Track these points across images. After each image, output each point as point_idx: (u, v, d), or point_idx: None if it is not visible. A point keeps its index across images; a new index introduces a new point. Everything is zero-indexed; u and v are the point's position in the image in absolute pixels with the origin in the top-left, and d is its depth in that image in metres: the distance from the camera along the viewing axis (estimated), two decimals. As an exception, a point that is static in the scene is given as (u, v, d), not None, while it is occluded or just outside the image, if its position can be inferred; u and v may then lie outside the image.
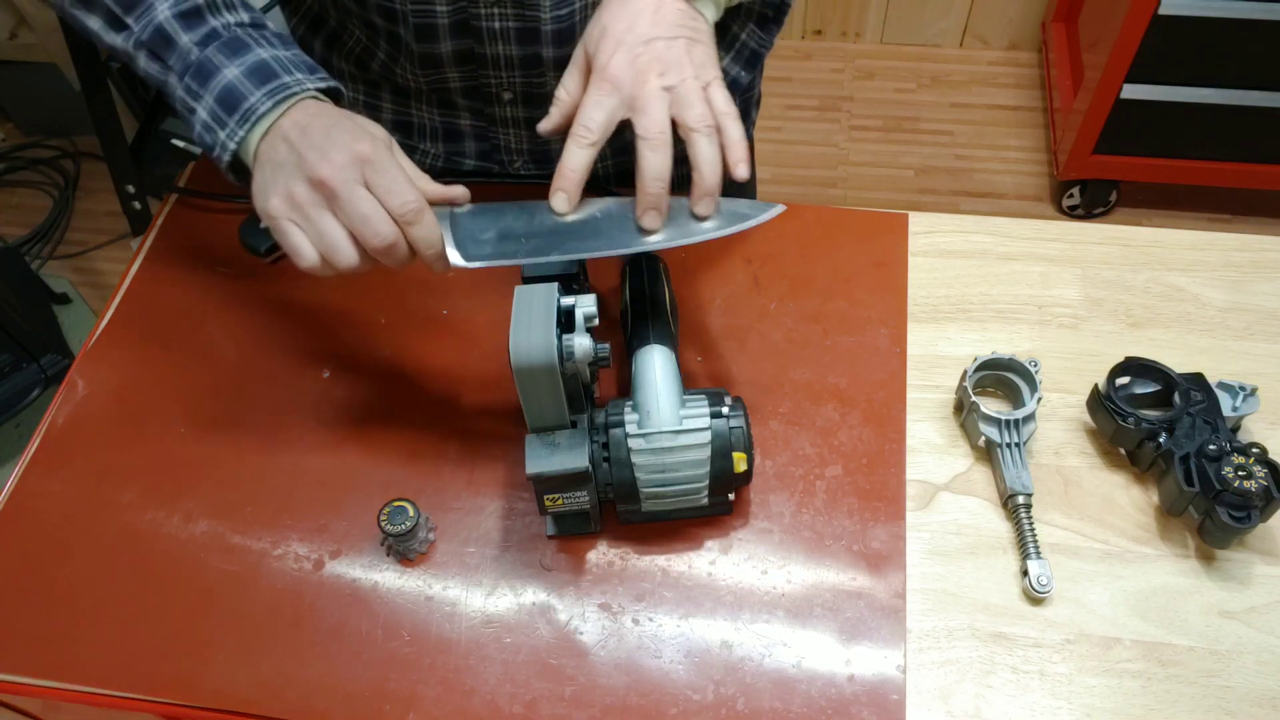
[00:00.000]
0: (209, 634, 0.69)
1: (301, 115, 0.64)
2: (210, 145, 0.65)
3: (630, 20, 0.65)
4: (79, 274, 2.18)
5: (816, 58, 2.51)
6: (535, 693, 0.66)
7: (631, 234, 0.66)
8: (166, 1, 0.66)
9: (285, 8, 0.94)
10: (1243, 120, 1.90)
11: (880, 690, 0.65)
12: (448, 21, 0.79)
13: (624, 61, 0.64)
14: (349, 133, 0.62)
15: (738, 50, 0.86)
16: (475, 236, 0.66)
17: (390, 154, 0.63)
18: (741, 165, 0.65)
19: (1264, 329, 0.82)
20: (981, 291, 0.85)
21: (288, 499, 0.75)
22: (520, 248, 0.66)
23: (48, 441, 0.79)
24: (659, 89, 0.64)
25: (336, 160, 0.61)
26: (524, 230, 0.66)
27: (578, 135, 0.64)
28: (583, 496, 0.66)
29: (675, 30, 0.65)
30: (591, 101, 0.64)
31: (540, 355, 0.61)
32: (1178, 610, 0.68)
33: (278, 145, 0.63)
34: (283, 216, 0.62)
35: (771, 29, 0.85)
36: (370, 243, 0.61)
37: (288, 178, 0.62)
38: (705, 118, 0.64)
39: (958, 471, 0.75)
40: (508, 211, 0.67)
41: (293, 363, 0.82)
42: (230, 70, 0.64)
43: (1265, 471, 0.67)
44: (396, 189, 0.61)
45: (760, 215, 0.67)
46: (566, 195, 0.66)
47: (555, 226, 0.67)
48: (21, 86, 2.29)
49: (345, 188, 0.60)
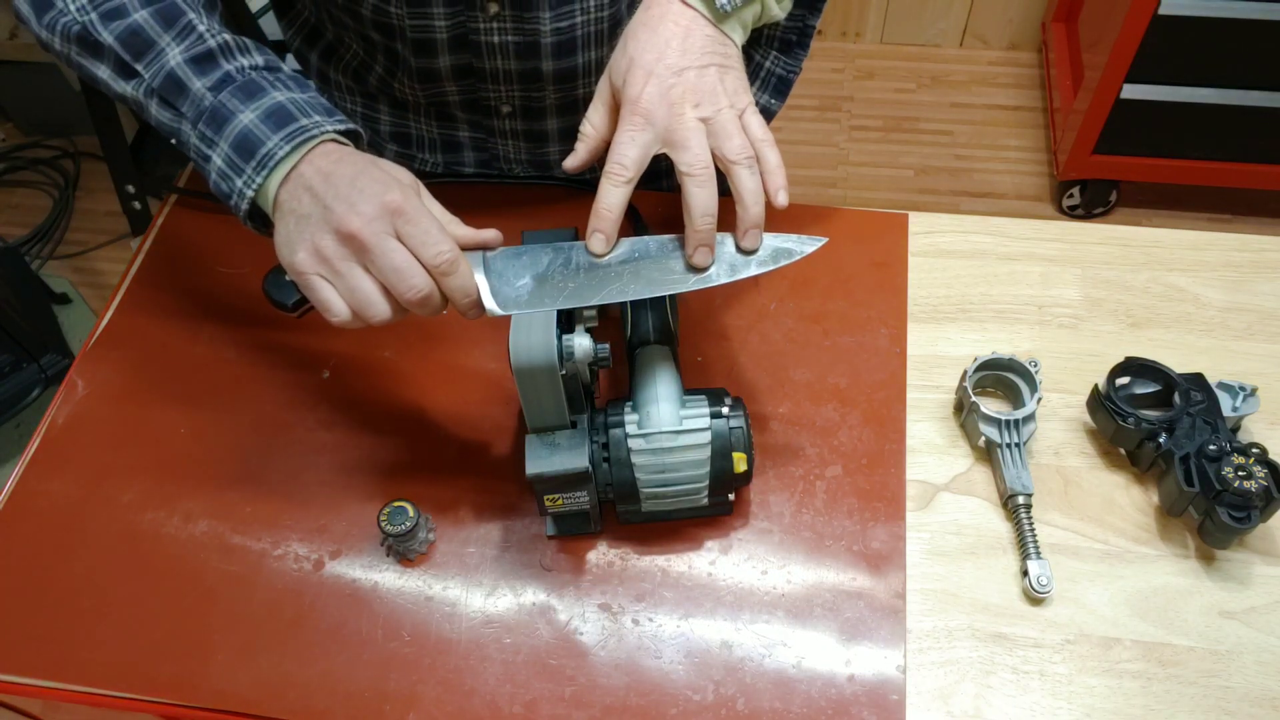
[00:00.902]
0: (209, 634, 0.69)
1: (324, 161, 0.61)
2: (227, 194, 0.62)
3: (659, 50, 0.63)
4: (79, 274, 2.18)
5: (816, 58, 2.51)
6: (535, 693, 0.66)
7: (674, 273, 0.64)
8: (178, 47, 0.63)
9: (282, 20, 0.93)
10: (1243, 120, 1.91)
11: (880, 690, 0.65)
12: (446, 36, 0.78)
13: (656, 94, 0.62)
14: (377, 181, 0.59)
15: (764, 78, 0.84)
16: (511, 282, 0.63)
17: (420, 201, 0.61)
18: (781, 193, 0.63)
19: (1264, 329, 0.82)
20: (981, 291, 0.85)
21: (288, 499, 0.74)
22: (559, 292, 0.63)
23: (48, 441, 0.79)
24: (695, 121, 0.62)
25: (366, 212, 0.58)
26: (561, 274, 0.64)
27: (612, 174, 0.63)
28: (583, 496, 0.66)
29: (705, 58, 0.64)
30: (625, 137, 0.62)
31: (540, 355, 0.61)
32: (1178, 610, 0.68)
33: (301, 195, 0.60)
34: (311, 272, 0.59)
35: (797, 53, 0.83)
36: (404, 296, 0.59)
37: (314, 231, 0.59)
38: (745, 148, 0.62)
39: (958, 471, 0.75)
40: (543, 254, 0.64)
41: (293, 363, 0.82)
42: (246, 115, 0.61)
43: (1265, 471, 0.67)
44: (430, 240, 0.59)
45: (806, 248, 0.65)
46: (604, 236, 0.63)
47: (592, 268, 0.64)
48: (21, 86, 2.29)
49: (376, 240, 0.58)
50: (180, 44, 0.63)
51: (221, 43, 0.64)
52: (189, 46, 0.63)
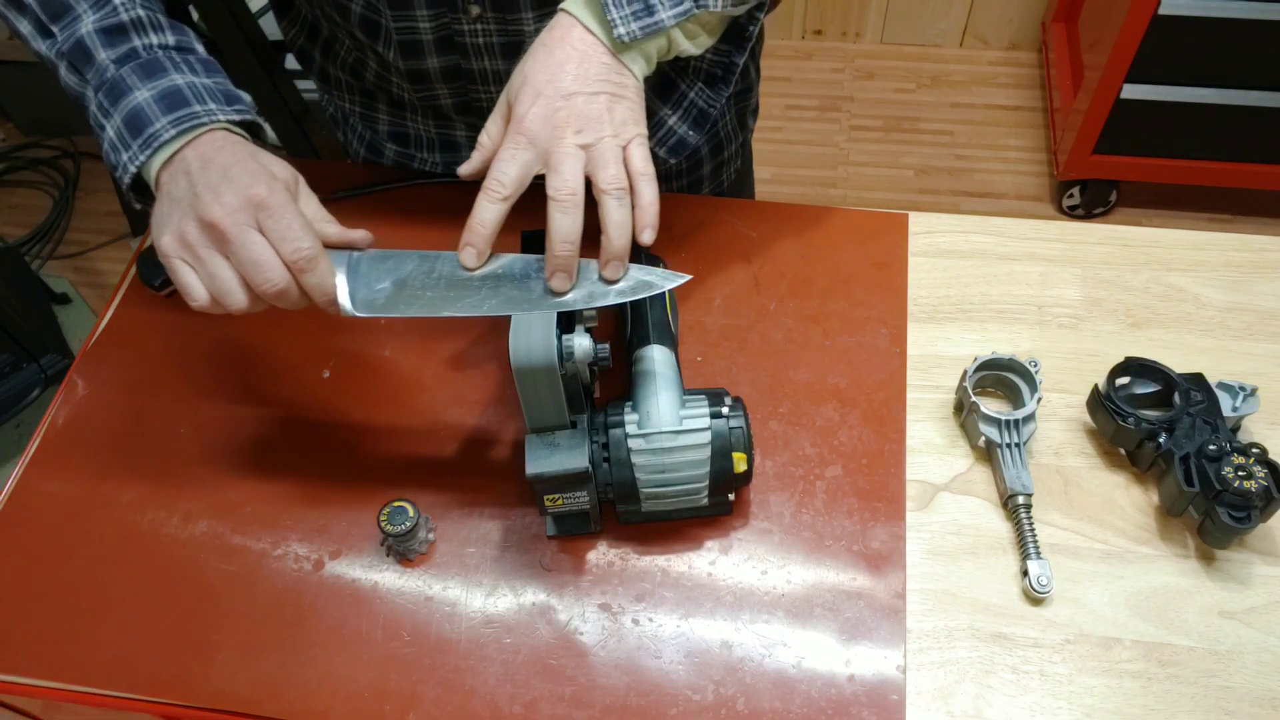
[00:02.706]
0: (209, 634, 0.69)
1: (207, 148, 0.62)
2: (114, 166, 0.64)
3: (552, 72, 0.63)
4: (79, 274, 2.18)
5: (816, 58, 2.51)
6: (535, 693, 0.66)
7: (533, 294, 0.63)
8: (92, 15, 0.65)
9: (282, 21, 0.93)
10: (1243, 120, 1.91)
11: (880, 690, 0.65)
12: (431, 37, 0.78)
13: (541, 115, 0.62)
14: (249, 173, 0.61)
15: (685, 109, 0.83)
16: (371, 285, 0.64)
17: (287, 197, 0.61)
18: (647, 231, 0.63)
19: (1264, 329, 0.82)
20: (981, 291, 0.85)
21: (288, 499, 0.75)
22: (415, 300, 0.63)
23: (48, 441, 0.79)
24: (575, 147, 0.62)
25: (229, 203, 0.59)
26: (422, 283, 0.64)
27: (489, 190, 0.62)
28: (583, 497, 0.66)
29: (598, 85, 0.63)
30: (506, 155, 0.62)
31: (540, 355, 0.61)
32: (1178, 610, 0.68)
33: (179, 179, 0.62)
34: (174, 255, 0.61)
35: (720, 89, 0.82)
36: (260, 288, 0.60)
37: (182, 216, 0.61)
38: (618, 179, 0.62)
39: (958, 471, 0.75)
40: (409, 261, 0.65)
41: (293, 363, 0.82)
42: (141, 93, 0.63)
43: (1265, 471, 0.67)
44: (290, 235, 0.60)
45: (668, 283, 0.64)
46: (475, 251, 0.63)
47: (454, 280, 0.64)
48: (21, 86, 2.29)
49: (237, 231, 0.59)
50: (95, 13, 0.65)
51: (134, 18, 0.65)
52: (102, 17, 0.65)
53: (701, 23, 0.69)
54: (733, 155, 1.02)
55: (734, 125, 1.00)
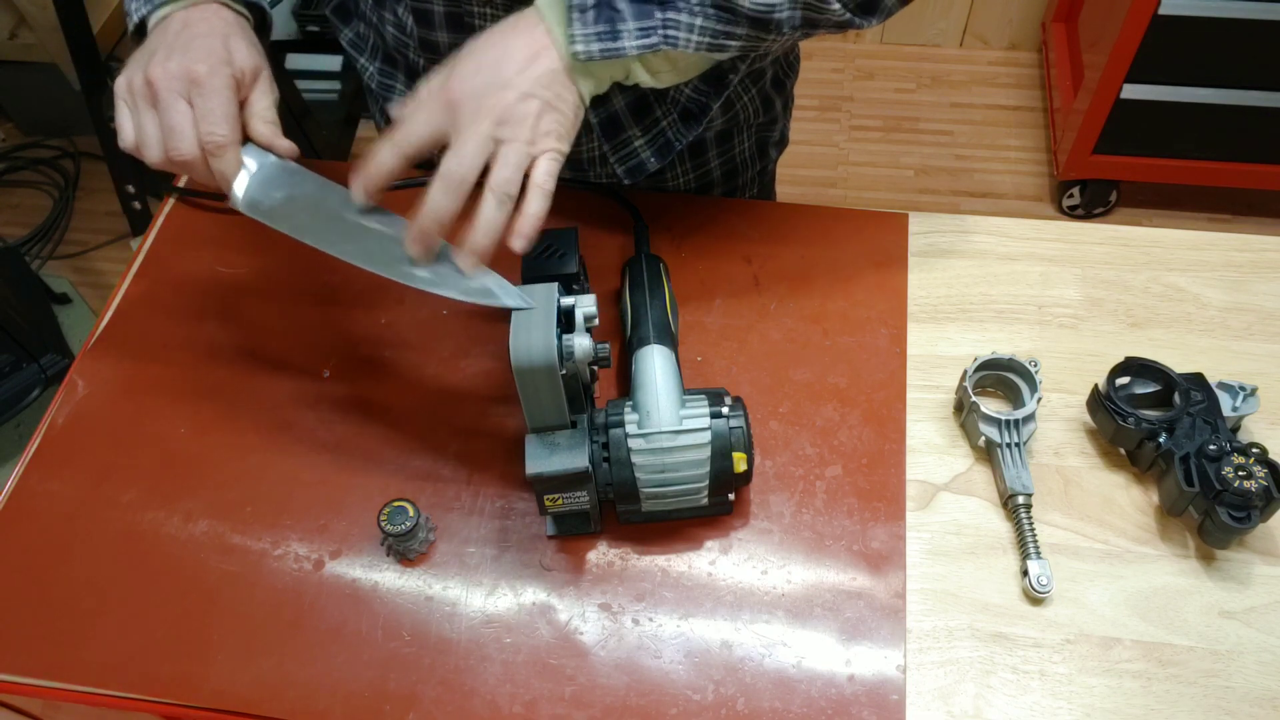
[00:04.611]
0: (209, 634, 0.69)
1: (194, 15, 0.67)
2: (127, 11, 0.71)
3: (500, 54, 0.63)
4: (79, 274, 2.18)
5: (816, 58, 2.51)
6: (535, 693, 0.66)
7: (390, 256, 0.64)
8: None
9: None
10: (1243, 120, 1.91)
11: (880, 690, 0.65)
12: (442, 11, 0.78)
13: (472, 92, 0.61)
14: (205, 49, 0.65)
15: (654, 136, 0.83)
16: (268, 191, 0.67)
17: (224, 83, 0.65)
18: (518, 239, 0.62)
19: (1264, 329, 0.82)
20: (981, 291, 0.85)
21: (288, 499, 0.75)
22: (289, 219, 0.66)
23: (48, 441, 0.79)
24: (487, 136, 0.61)
25: (171, 69, 0.64)
26: (306, 207, 0.66)
27: (395, 139, 0.62)
28: (583, 496, 0.66)
29: (537, 89, 0.62)
30: (423, 115, 0.62)
31: (540, 355, 0.61)
32: (1178, 610, 0.68)
33: (162, 33, 0.67)
34: (120, 95, 0.66)
35: (693, 125, 0.82)
36: (170, 153, 0.64)
37: (139, 66, 0.66)
38: (508, 184, 0.61)
39: (958, 471, 0.75)
40: (310, 184, 0.67)
41: (293, 363, 0.82)
42: None
43: (1265, 471, 0.67)
44: (210, 118, 0.64)
45: (508, 301, 0.63)
46: (363, 188, 0.64)
47: (335, 217, 0.65)
48: (21, 86, 2.29)
49: (167, 96, 0.64)
50: None
51: None
52: None
53: (671, 60, 0.68)
54: (748, 182, 1.01)
55: (752, 153, 0.99)
